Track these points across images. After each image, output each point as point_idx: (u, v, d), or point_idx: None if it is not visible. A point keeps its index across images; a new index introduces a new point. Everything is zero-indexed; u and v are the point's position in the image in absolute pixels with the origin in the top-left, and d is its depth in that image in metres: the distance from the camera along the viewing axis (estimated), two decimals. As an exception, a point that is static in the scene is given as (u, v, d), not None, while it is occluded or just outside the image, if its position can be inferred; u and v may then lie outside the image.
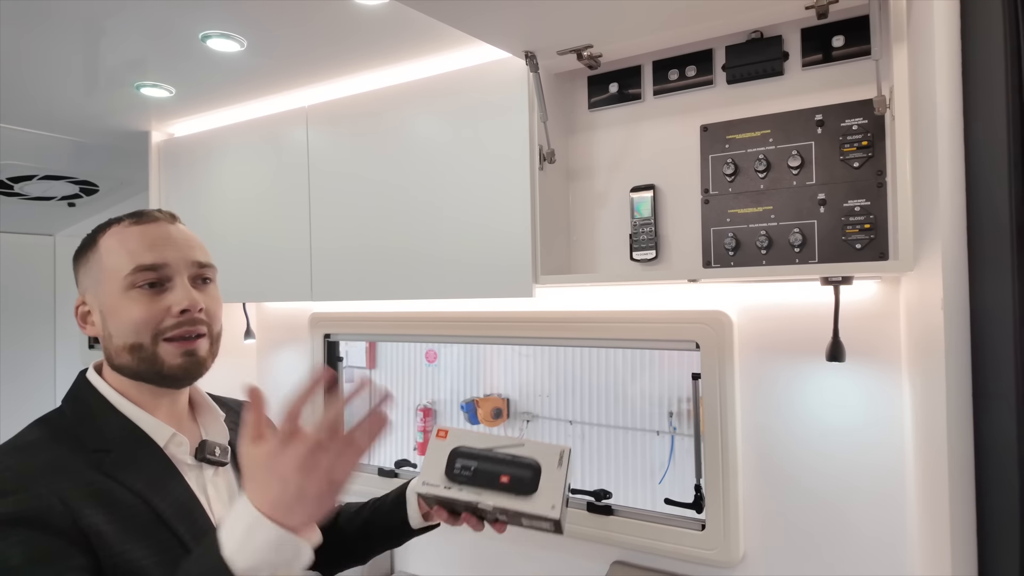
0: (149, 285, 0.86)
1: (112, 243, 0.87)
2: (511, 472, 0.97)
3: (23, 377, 3.00)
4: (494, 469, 0.97)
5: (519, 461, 0.98)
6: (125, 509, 0.78)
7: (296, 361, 2.20)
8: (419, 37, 1.43)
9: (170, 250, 0.88)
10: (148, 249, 0.86)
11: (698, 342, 1.43)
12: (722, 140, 1.31)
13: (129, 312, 0.85)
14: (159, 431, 0.87)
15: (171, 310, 0.86)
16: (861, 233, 1.18)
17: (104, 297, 0.87)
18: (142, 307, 0.85)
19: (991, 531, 0.82)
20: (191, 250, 0.90)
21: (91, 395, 0.87)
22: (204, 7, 1.26)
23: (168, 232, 0.89)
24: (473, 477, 0.97)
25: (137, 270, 0.85)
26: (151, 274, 0.86)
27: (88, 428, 0.84)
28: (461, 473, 0.98)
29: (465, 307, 1.79)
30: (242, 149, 1.93)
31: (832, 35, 1.21)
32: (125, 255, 0.86)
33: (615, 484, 2.73)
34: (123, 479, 0.80)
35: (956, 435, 0.85)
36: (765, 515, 1.39)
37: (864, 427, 1.28)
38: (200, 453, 0.90)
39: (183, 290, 0.87)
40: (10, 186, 2.46)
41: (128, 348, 0.85)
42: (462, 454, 1.00)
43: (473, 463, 0.99)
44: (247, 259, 1.90)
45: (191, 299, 0.87)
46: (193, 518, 0.84)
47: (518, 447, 1.00)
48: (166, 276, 0.87)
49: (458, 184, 1.51)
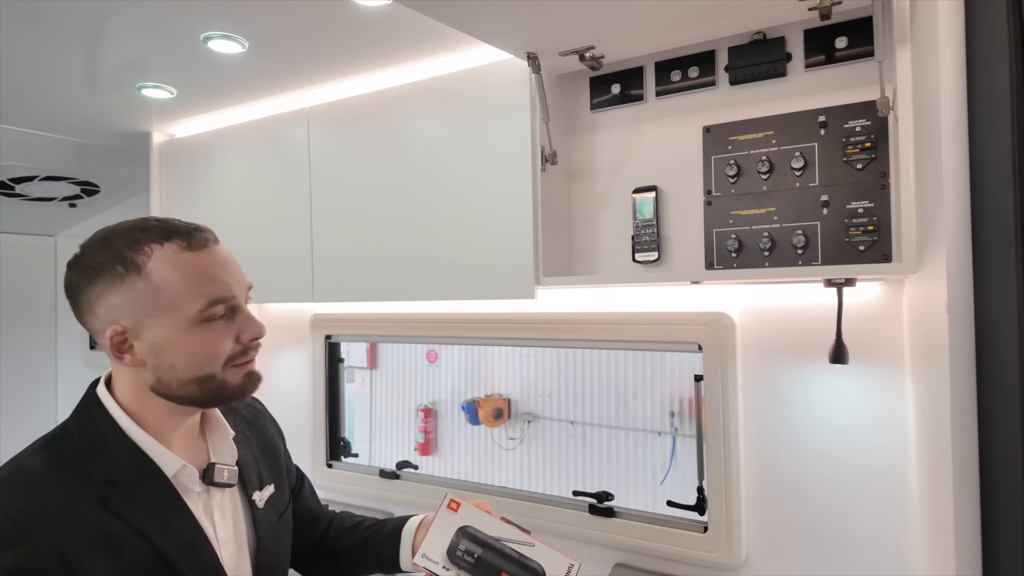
0: (220, 317, 0.84)
1: (168, 272, 0.81)
2: (513, 572, 0.94)
3: (24, 378, 3.00)
4: (497, 564, 0.94)
5: (524, 563, 0.95)
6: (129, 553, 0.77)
7: (297, 362, 2.20)
8: (421, 38, 1.43)
9: (232, 278, 0.87)
10: (216, 280, 0.84)
11: (700, 344, 1.42)
12: (725, 141, 1.31)
13: (200, 346, 0.83)
14: (168, 462, 0.84)
15: (240, 338, 0.86)
16: (864, 235, 1.17)
17: (161, 330, 0.81)
18: (217, 341, 0.84)
19: (995, 533, 0.82)
20: (242, 274, 0.90)
21: (101, 416, 0.84)
22: (205, 8, 1.26)
23: (224, 257, 0.88)
24: (474, 566, 0.94)
25: (212, 304, 0.83)
26: (222, 306, 0.84)
27: (95, 455, 0.81)
28: (463, 558, 0.95)
29: (467, 308, 1.78)
30: (243, 150, 1.93)
31: (835, 36, 1.20)
32: (191, 288, 0.82)
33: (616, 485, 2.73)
34: (128, 518, 0.78)
35: (960, 437, 0.85)
36: (768, 517, 1.38)
37: (867, 429, 1.28)
38: (208, 477, 0.88)
39: (250, 319, 0.87)
40: (11, 187, 2.46)
41: (198, 380, 0.83)
42: (469, 536, 0.97)
43: (478, 550, 0.95)
44: (248, 260, 1.86)
45: (258, 327, 0.88)
46: (198, 554, 0.83)
47: (528, 547, 0.97)
48: (234, 306, 0.86)
49: (460, 185, 1.51)
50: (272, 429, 1.11)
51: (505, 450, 3.08)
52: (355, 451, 2.17)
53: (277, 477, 1.04)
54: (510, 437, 3.07)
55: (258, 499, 0.97)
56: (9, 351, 2.95)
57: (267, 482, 1.00)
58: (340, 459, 2.09)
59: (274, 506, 1.00)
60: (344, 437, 2.14)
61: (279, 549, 0.98)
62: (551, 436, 2.94)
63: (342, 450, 2.11)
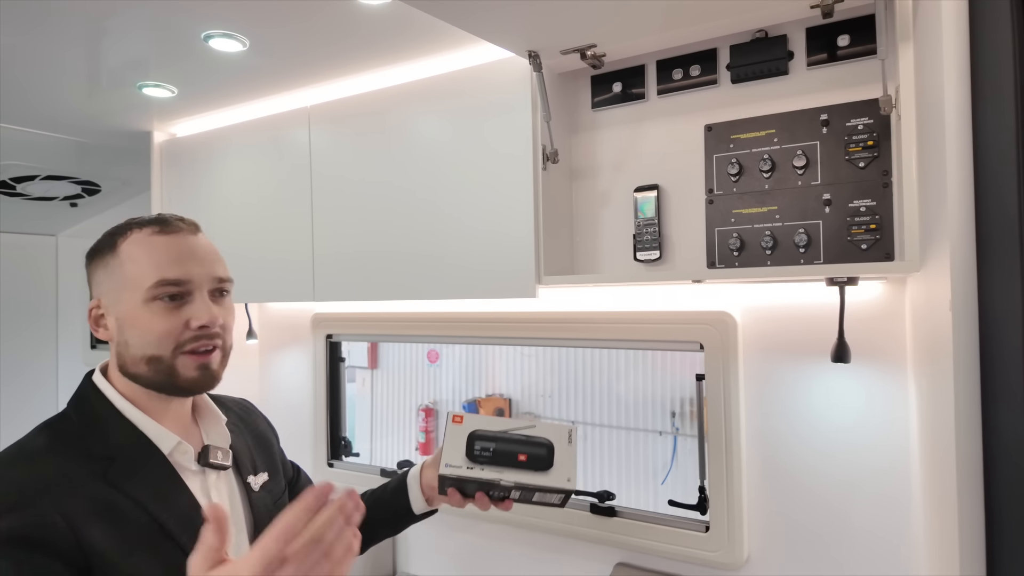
0: (170, 298, 0.86)
1: (135, 251, 0.87)
2: (528, 451, 1.07)
3: (25, 377, 3.00)
4: (512, 449, 1.07)
5: (533, 440, 1.08)
6: (129, 521, 0.79)
7: (298, 362, 2.20)
8: (422, 37, 1.42)
9: (194, 264, 0.87)
10: (173, 262, 0.86)
11: (702, 343, 1.42)
12: (726, 140, 1.31)
13: (150, 324, 0.85)
14: (164, 439, 0.87)
15: (190, 324, 0.86)
16: (867, 233, 1.17)
17: (123, 305, 0.86)
18: (163, 320, 0.85)
19: (999, 533, 0.82)
20: (213, 265, 0.90)
21: (97, 399, 0.87)
22: (206, 7, 1.26)
23: (192, 245, 0.89)
24: (493, 457, 1.07)
25: (160, 284, 0.85)
26: (174, 288, 0.85)
27: (93, 434, 0.84)
28: (481, 454, 1.07)
29: (468, 308, 1.78)
30: (244, 149, 1.92)
31: (837, 34, 1.20)
32: (149, 266, 0.85)
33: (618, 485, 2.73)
34: (127, 489, 0.80)
35: (964, 436, 0.84)
36: (769, 517, 1.38)
37: (869, 428, 1.27)
38: (203, 458, 0.91)
39: (203, 305, 0.87)
40: (12, 186, 2.46)
41: (146, 359, 0.85)
42: (480, 437, 1.08)
43: (492, 444, 1.08)
44: (249, 260, 1.89)
45: (211, 315, 0.87)
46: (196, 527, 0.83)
47: (529, 428, 1.10)
48: (188, 290, 0.87)
49: (461, 184, 1.50)
50: (264, 424, 1.13)
51: (506, 450, 3.08)
52: (356, 450, 2.17)
53: (271, 467, 1.05)
54: (511, 437, 3.07)
55: (253, 483, 0.99)
56: (10, 350, 2.96)
57: (261, 469, 1.02)
58: (341, 458, 2.09)
59: (269, 492, 1.02)
60: (345, 436, 2.13)
61: None
62: (552, 436, 2.95)
63: (343, 449, 2.11)
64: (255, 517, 0.96)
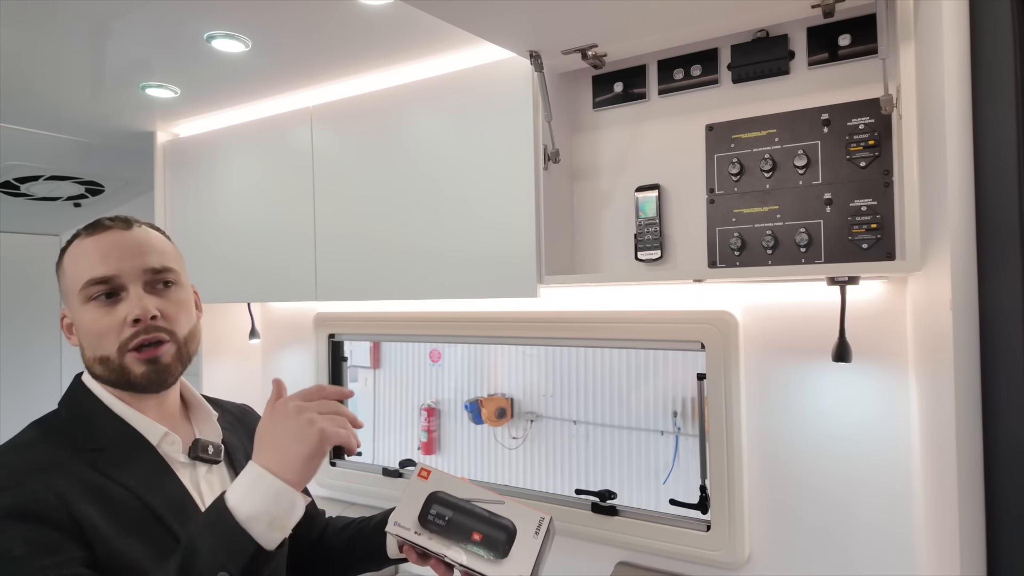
0: (106, 296, 0.85)
1: (70, 256, 0.88)
2: (485, 531, 0.94)
3: (29, 377, 3.01)
4: (469, 524, 0.95)
5: (495, 520, 0.95)
6: (119, 505, 0.79)
7: (301, 361, 2.20)
8: (423, 37, 1.43)
9: (118, 260, 0.86)
10: (99, 261, 0.85)
11: (703, 342, 1.42)
12: (727, 140, 1.31)
13: (90, 326, 0.85)
14: (151, 430, 0.88)
15: (126, 320, 0.85)
16: (868, 233, 1.17)
17: (72, 312, 0.88)
18: (100, 320, 0.85)
19: (1000, 531, 0.82)
20: (143, 256, 0.87)
21: (85, 397, 0.89)
22: (209, 8, 1.26)
23: (118, 241, 0.87)
24: (445, 527, 0.95)
25: (89, 284, 0.85)
26: (102, 287, 0.85)
27: (82, 428, 0.85)
28: (434, 521, 0.95)
29: (469, 307, 1.79)
30: (247, 149, 1.93)
31: (838, 34, 1.20)
32: (78, 268, 0.86)
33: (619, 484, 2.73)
34: (117, 476, 0.81)
35: (965, 434, 0.84)
36: (771, 516, 1.38)
37: (870, 427, 1.27)
38: (193, 451, 0.91)
39: (134, 299, 0.85)
40: (16, 186, 2.47)
41: (98, 360, 0.86)
42: (439, 500, 0.97)
43: (448, 513, 0.96)
44: (252, 259, 1.90)
45: (142, 307, 0.85)
46: (187, 514, 0.84)
47: (497, 504, 0.97)
48: (119, 286, 0.86)
49: (462, 184, 1.51)
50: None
51: (508, 449, 3.09)
52: (359, 450, 2.17)
53: None
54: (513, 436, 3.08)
55: None
56: (14, 350, 2.97)
57: None
58: (343, 458, 2.10)
59: None
60: (347, 436, 2.14)
61: None
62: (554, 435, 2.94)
63: (346, 449, 2.11)
64: None
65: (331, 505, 2.04)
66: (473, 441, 3.24)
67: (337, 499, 2.07)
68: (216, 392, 1.11)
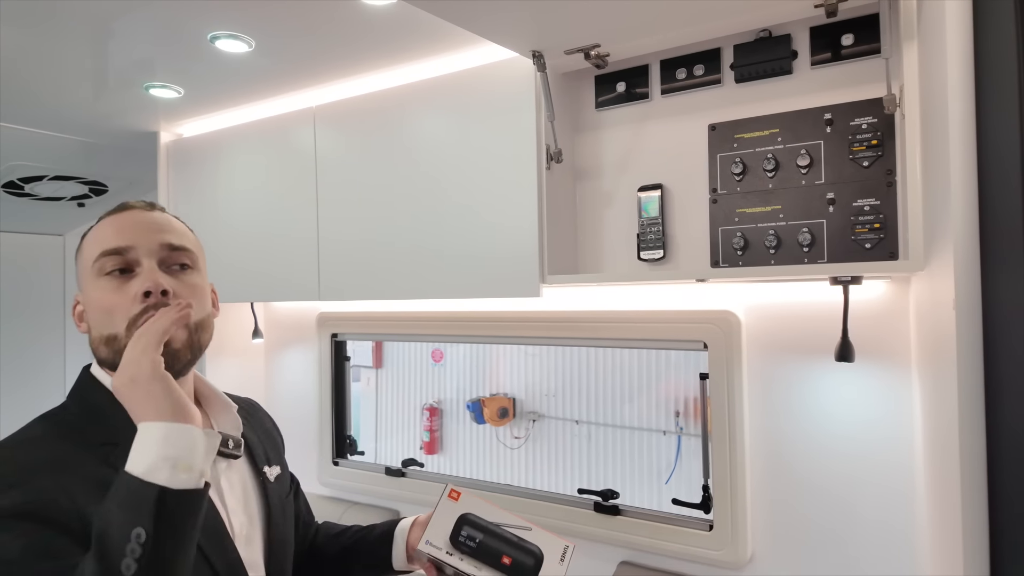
0: (119, 271, 0.82)
1: (89, 236, 0.86)
2: (514, 555, 0.97)
3: (33, 377, 3.02)
4: (498, 548, 0.98)
5: (523, 546, 0.98)
6: None
7: (304, 361, 2.20)
8: (426, 37, 1.43)
9: (138, 233, 0.83)
10: (116, 234, 0.83)
11: (706, 342, 1.42)
12: (730, 139, 1.31)
13: (99, 300, 0.82)
14: None
15: (136, 295, 0.80)
16: (871, 232, 1.17)
17: (84, 292, 0.85)
18: (111, 294, 0.81)
19: (1003, 531, 0.82)
20: (161, 233, 0.85)
21: (95, 389, 0.85)
22: (213, 8, 1.27)
23: (137, 217, 0.86)
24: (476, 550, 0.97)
25: (103, 255, 0.82)
26: (117, 258, 0.82)
27: (94, 423, 0.82)
28: (466, 543, 0.98)
29: (472, 307, 1.79)
30: (250, 149, 1.94)
31: (841, 33, 1.20)
32: (95, 243, 0.84)
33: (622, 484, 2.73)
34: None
35: (968, 434, 0.84)
36: (773, 515, 1.38)
37: (873, 427, 1.27)
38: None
39: (147, 272, 0.82)
40: (20, 187, 2.48)
41: (104, 340, 0.82)
42: (470, 523, 1.00)
43: (479, 535, 0.99)
44: (255, 259, 1.90)
45: (153, 280, 0.81)
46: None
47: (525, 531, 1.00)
48: (133, 260, 0.82)
49: (465, 184, 1.51)
50: (271, 424, 1.11)
51: (510, 449, 3.09)
52: (361, 449, 2.17)
53: (281, 463, 1.04)
54: (515, 436, 3.08)
55: (269, 474, 0.97)
56: (18, 350, 2.98)
57: (273, 462, 1.00)
58: (346, 457, 2.10)
59: (282, 485, 1.00)
60: (350, 435, 2.14)
61: (287, 525, 0.99)
62: (556, 435, 2.95)
63: (348, 448, 2.11)
64: (270, 508, 0.94)
65: (334, 504, 2.05)
66: (475, 441, 3.24)
67: (340, 498, 2.08)
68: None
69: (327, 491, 2.11)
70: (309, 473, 2.10)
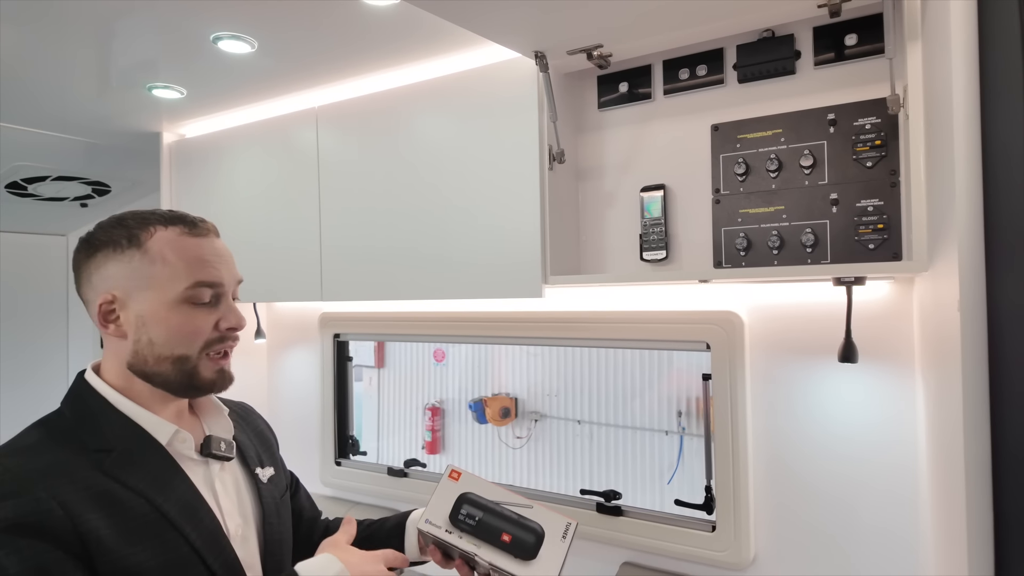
0: (202, 300, 0.88)
1: (166, 251, 0.86)
2: (514, 532, 0.97)
3: (36, 376, 3.03)
4: (498, 525, 0.98)
5: (524, 523, 0.99)
6: (128, 511, 0.78)
7: (306, 361, 2.21)
8: (429, 38, 1.43)
9: (224, 268, 0.91)
10: (208, 264, 0.88)
11: (709, 343, 1.42)
12: (733, 140, 1.30)
13: (181, 325, 0.86)
14: (161, 428, 0.87)
15: (219, 325, 0.89)
16: (874, 233, 1.17)
17: (148, 304, 0.85)
18: (195, 321, 0.87)
19: (1008, 533, 0.81)
20: (235, 268, 0.94)
21: (91, 396, 0.87)
22: (215, 9, 1.27)
23: (219, 248, 0.92)
24: (476, 528, 0.98)
25: (196, 285, 0.87)
26: (209, 290, 0.88)
27: (89, 429, 0.84)
28: (465, 521, 0.98)
29: (474, 307, 1.79)
30: (253, 150, 1.94)
31: (845, 33, 1.20)
32: (183, 267, 0.86)
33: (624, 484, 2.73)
34: (125, 479, 0.80)
35: (973, 436, 0.84)
36: (776, 516, 1.38)
37: (876, 428, 1.27)
38: (206, 448, 0.91)
39: (231, 308, 0.90)
40: (24, 187, 2.48)
41: (173, 359, 0.86)
42: (470, 501, 1.01)
43: (479, 513, 0.99)
44: (257, 259, 1.90)
45: (238, 317, 0.90)
46: (199, 517, 0.84)
47: (526, 508, 1.00)
48: (220, 293, 0.90)
49: (467, 184, 1.51)
50: (263, 425, 1.13)
51: (512, 449, 3.09)
52: (363, 449, 2.18)
53: (274, 464, 1.06)
54: (517, 436, 3.08)
55: (261, 475, 0.99)
56: (21, 350, 2.98)
57: (266, 464, 1.03)
58: (348, 457, 2.10)
59: (276, 486, 1.02)
60: (352, 435, 2.14)
61: (283, 525, 1.01)
62: (558, 435, 2.95)
63: (350, 448, 2.12)
64: (264, 508, 0.96)
65: (336, 504, 2.05)
66: (477, 441, 3.24)
67: (342, 498, 2.08)
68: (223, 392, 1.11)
69: (329, 491, 2.11)
70: (311, 473, 2.10)
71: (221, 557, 0.84)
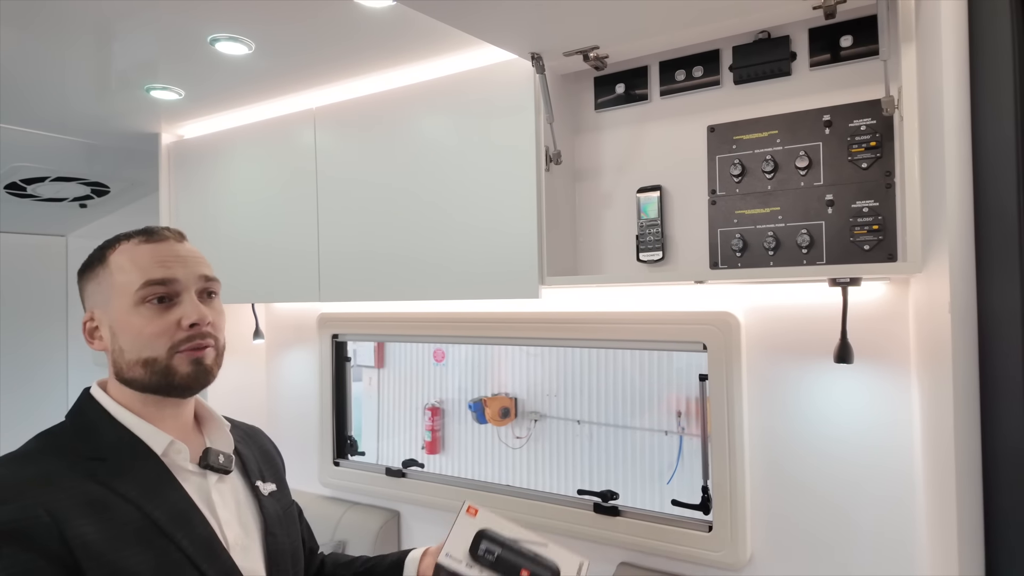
0: (159, 300, 0.88)
1: (123, 260, 0.90)
2: (532, 569, 1.01)
3: (35, 377, 3.03)
4: (516, 561, 1.01)
5: (540, 560, 1.02)
6: (118, 517, 0.79)
7: (305, 361, 2.21)
8: (425, 39, 1.43)
9: (179, 266, 0.90)
10: (159, 265, 0.89)
11: (705, 343, 1.42)
12: (729, 141, 1.31)
13: (141, 327, 0.87)
14: (156, 439, 0.88)
15: (181, 323, 0.88)
16: (869, 234, 1.17)
17: (115, 312, 0.89)
18: (154, 322, 0.87)
19: (998, 533, 0.82)
20: (198, 265, 0.93)
21: (91, 407, 0.89)
22: (213, 10, 1.27)
23: (177, 249, 0.92)
24: (495, 563, 1.01)
25: (147, 284, 0.87)
26: (161, 288, 0.88)
27: (85, 438, 0.86)
28: (484, 556, 1.01)
29: (472, 308, 1.79)
30: (251, 151, 1.94)
31: (840, 35, 1.20)
32: (136, 271, 0.88)
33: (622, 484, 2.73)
34: (117, 487, 0.81)
35: (963, 437, 0.84)
36: (773, 517, 1.38)
37: (872, 429, 1.27)
38: (204, 460, 0.91)
39: (192, 304, 0.89)
40: (23, 187, 2.49)
41: (142, 362, 0.87)
42: (488, 537, 1.03)
43: (497, 549, 1.02)
44: (256, 260, 1.91)
45: (200, 313, 0.89)
46: (191, 525, 0.84)
47: (542, 546, 1.04)
48: (175, 291, 0.89)
49: (465, 185, 1.51)
50: (271, 447, 1.13)
51: (511, 449, 3.09)
52: (362, 449, 2.18)
53: (279, 482, 1.06)
54: (516, 436, 3.08)
55: (262, 488, 0.99)
56: (20, 351, 2.99)
57: (268, 479, 1.03)
58: (347, 457, 2.11)
59: (278, 501, 1.02)
60: (351, 435, 2.15)
61: (287, 536, 1.00)
62: (558, 435, 2.95)
63: (349, 448, 2.12)
64: (265, 520, 0.96)
65: (335, 505, 2.05)
66: (477, 441, 3.25)
67: (341, 499, 2.08)
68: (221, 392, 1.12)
69: (328, 491, 2.12)
70: (310, 474, 2.10)
71: (216, 564, 0.84)
